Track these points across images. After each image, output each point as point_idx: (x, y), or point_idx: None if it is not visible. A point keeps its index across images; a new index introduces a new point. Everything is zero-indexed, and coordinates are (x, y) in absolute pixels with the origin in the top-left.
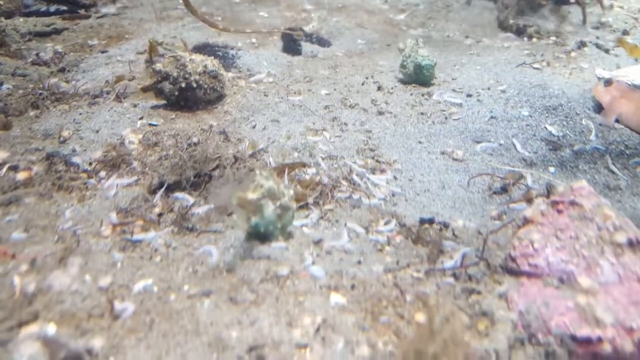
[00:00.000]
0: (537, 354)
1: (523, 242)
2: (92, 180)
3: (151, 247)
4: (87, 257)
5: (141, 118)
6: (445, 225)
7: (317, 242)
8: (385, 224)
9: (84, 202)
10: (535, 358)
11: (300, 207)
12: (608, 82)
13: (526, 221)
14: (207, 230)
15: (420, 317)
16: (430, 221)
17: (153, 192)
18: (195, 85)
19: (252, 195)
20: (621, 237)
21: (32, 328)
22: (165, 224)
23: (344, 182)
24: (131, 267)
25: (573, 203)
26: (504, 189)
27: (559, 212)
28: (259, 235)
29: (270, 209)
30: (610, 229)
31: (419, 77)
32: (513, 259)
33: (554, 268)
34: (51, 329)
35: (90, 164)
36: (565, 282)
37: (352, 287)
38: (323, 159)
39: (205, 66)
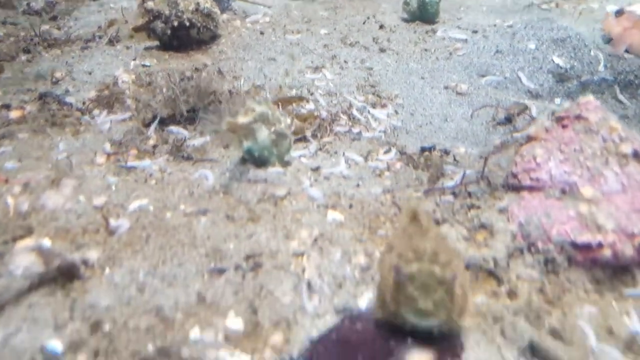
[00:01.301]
0: (536, 261)
1: (525, 158)
2: (86, 117)
3: (146, 173)
4: (80, 180)
5: (134, 59)
6: (447, 152)
7: (315, 169)
8: (385, 152)
9: (78, 136)
10: (534, 265)
11: (298, 140)
12: (619, 13)
13: (529, 139)
14: (203, 159)
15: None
16: (432, 149)
17: (147, 125)
18: (188, 24)
19: (242, 120)
20: (626, 148)
21: (27, 242)
22: (160, 154)
23: (343, 117)
24: (126, 190)
25: (579, 117)
26: (508, 120)
27: (564, 127)
28: (254, 160)
29: (263, 133)
30: (615, 140)
31: (422, 14)
32: (514, 175)
33: (557, 180)
34: (46, 242)
35: (83, 103)
36: (567, 193)
37: (350, 206)
38: (322, 95)
39: (198, 4)
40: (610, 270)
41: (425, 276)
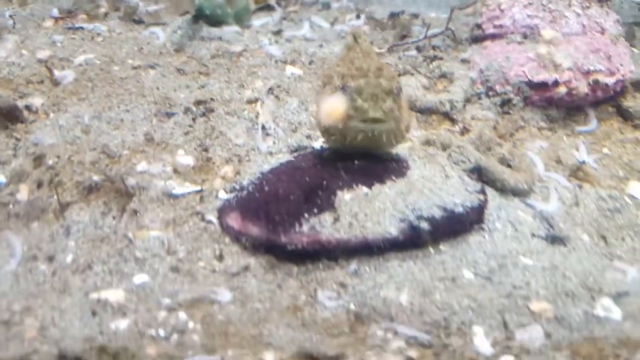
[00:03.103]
0: (493, 103)
1: (491, 7)
2: None
3: (93, 32)
4: (24, 36)
5: None
6: (416, 16)
7: (277, 33)
8: (354, 18)
9: (26, 7)
10: (490, 107)
11: (261, 9)
12: None
13: None
14: (155, 23)
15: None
16: (401, 13)
17: None
18: None
19: None
20: None
21: None
22: (110, 19)
23: None
24: (72, 46)
25: None
26: None
27: None
28: (207, 19)
29: None
30: None
31: None
32: (479, 26)
33: (519, 25)
34: None
35: None
36: (528, 36)
37: (311, 62)
38: None
39: None
40: (565, 110)
41: (373, 87)
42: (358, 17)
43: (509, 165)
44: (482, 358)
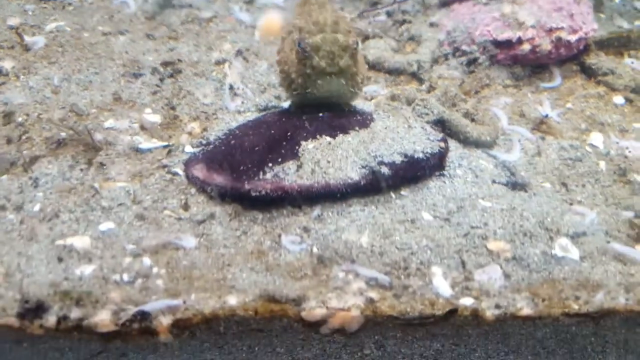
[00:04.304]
0: (459, 63)
1: None
2: None
3: (65, 2)
4: None
5: None
6: None
7: (249, 1)
8: None
9: None
10: (457, 67)
11: None
12: None
13: None
14: None
15: None
16: None
17: None
18: None
19: None
20: None
21: None
22: None
23: None
24: (43, 15)
25: None
26: None
27: None
28: None
29: None
30: None
31: None
32: None
33: None
34: None
35: None
36: None
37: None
38: None
39: None
40: (530, 69)
41: (330, 44)
42: None
43: (472, 120)
44: (441, 300)
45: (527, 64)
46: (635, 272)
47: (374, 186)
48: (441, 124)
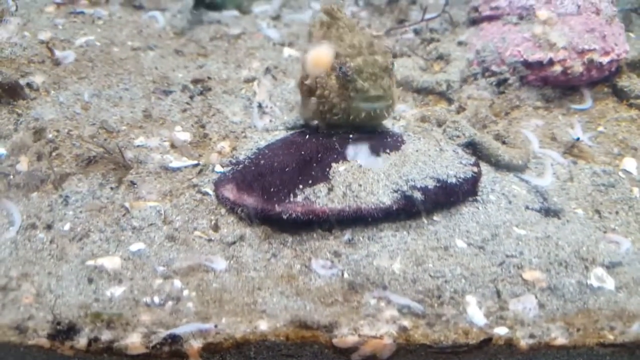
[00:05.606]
0: (489, 83)
1: None
2: None
3: (94, 16)
4: (26, 19)
5: None
6: (414, 1)
7: (276, 17)
8: (352, 4)
9: None
10: (487, 87)
11: None
12: None
13: None
14: (156, 9)
15: None
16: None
17: None
18: None
19: None
20: None
21: None
22: (111, 4)
23: None
24: (73, 29)
25: None
26: None
27: None
28: (207, 5)
29: None
30: None
31: None
32: (476, 9)
33: (515, 6)
34: None
35: None
36: (524, 17)
37: None
38: None
39: None
40: (560, 90)
41: (371, 66)
42: (357, 3)
43: (503, 142)
44: (475, 329)
45: (557, 86)
46: None
47: (406, 211)
48: (472, 147)
